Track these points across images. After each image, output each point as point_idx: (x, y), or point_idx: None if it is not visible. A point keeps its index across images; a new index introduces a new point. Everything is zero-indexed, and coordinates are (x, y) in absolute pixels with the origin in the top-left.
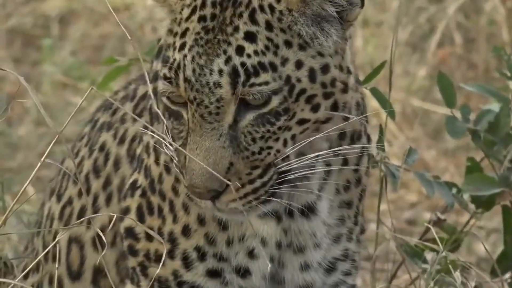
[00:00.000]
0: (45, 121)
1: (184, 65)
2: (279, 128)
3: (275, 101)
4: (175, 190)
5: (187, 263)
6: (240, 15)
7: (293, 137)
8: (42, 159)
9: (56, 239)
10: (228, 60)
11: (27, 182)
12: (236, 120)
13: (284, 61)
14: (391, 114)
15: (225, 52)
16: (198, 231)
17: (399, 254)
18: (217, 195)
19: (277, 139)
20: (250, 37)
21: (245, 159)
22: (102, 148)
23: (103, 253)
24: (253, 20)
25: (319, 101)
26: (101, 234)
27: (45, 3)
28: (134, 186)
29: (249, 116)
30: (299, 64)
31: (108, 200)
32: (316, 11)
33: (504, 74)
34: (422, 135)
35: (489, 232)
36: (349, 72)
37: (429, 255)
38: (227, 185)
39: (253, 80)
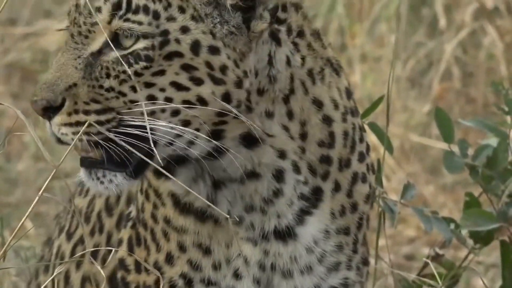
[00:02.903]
0: (44, 156)
1: None
2: (137, 74)
3: (140, 44)
4: (154, 217)
5: None
6: None
7: (169, 100)
8: (40, 193)
9: (55, 274)
10: None
11: (25, 216)
12: (101, 51)
13: (171, 19)
14: (389, 149)
15: None
16: (181, 257)
17: None
18: (51, 113)
19: (135, 88)
20: None
21: (90, 88)
22: None
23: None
24: None
25: (203, 77)
26: (100, 269)
27: (44, 38)
28: (127, 217)
29: (115, 54)
30: (185, 29)
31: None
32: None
33: (502, 109)
34: (420, 170)
35: (488, 267)
36: (246, 75)
37: None
38: (62, 104)
39: (129, 15)
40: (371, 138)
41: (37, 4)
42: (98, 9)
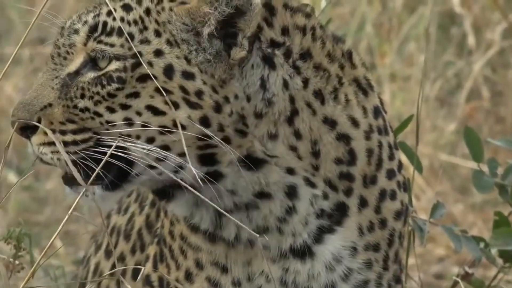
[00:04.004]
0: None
1: (71, 17)
2: (110, 95)
3: (113, 66)
4: (171, 234)
5: None
6: None
7: (145, 125)
8: (69, 212)
9: None
10: (95, 16)
11: (54, 235)
12: (78, 72)
13: (145, 41)
14: (419, 168)
15: (99, 10)
16: (199, 275)
17: None
18: (29, 133)
19: (110, 109)
20: (126, 7)
21: (65, 108)
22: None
23: None
24: (138, 1)
25: (178, 101)
26: (128, 286)
27: None
28: (155, 233)
29: (91, 74)
30: (158, 53)
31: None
32: (196, 24)
33: None
34: (450, 189)
35: None
36: (227, 101)
37: None
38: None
39: (102, 37)
40: (401, 157)
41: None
42: (76, 31)
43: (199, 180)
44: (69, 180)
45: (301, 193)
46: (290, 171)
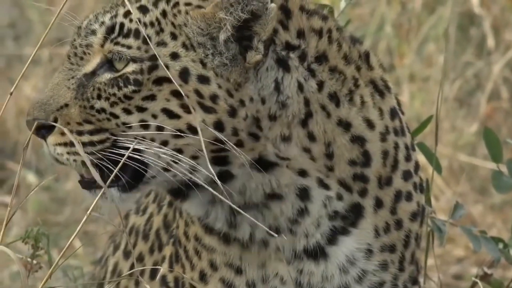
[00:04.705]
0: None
1: (88, 17)
2: (126, 97)
3: (130, 68)
4: (186, 235)
5: None
6: None
7: (160, 128)
8: (88, 212)
9: None
10: (113, 18)
11: (73, 235)
12: (94, 73)
13: (162, 44)
14: (438, 169)
15: (116, 11)
16: (213, 276)
17: None
18: (45, 133)
19: (127, 111)
20: (143, 9)
21: (81, 108)
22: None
23: None
24: (154, 2)
25: (193, 105)
26: (147, 286)
27: None
28: (171, 234)
29: (107, 75)
30: (174, 55)
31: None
32: (211, 29)
33: None
34: (469, 190)
35: None
36: (243, 105)
37: None
38: (55, 124)
39: (119, 39)
40: (420, 158)
41: None
42: (93, 32)
43: (215, 179)
44: (86, 184)
45: (314, 195)
46: (303, 173)
